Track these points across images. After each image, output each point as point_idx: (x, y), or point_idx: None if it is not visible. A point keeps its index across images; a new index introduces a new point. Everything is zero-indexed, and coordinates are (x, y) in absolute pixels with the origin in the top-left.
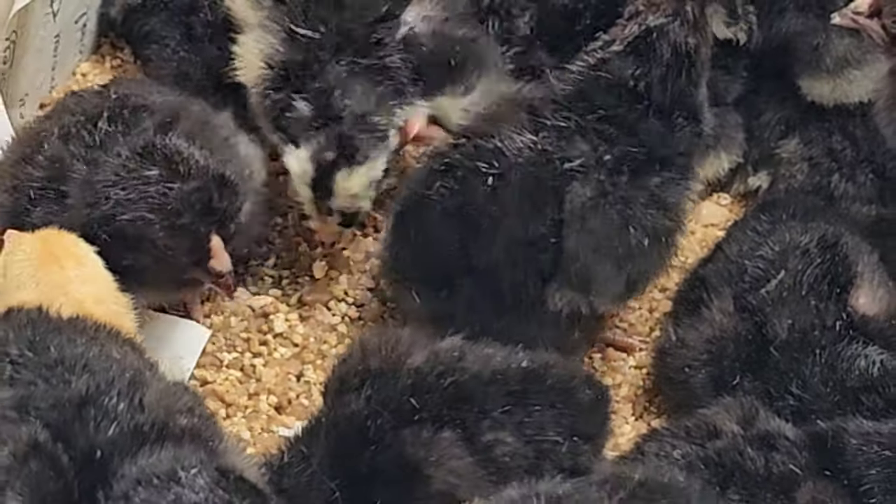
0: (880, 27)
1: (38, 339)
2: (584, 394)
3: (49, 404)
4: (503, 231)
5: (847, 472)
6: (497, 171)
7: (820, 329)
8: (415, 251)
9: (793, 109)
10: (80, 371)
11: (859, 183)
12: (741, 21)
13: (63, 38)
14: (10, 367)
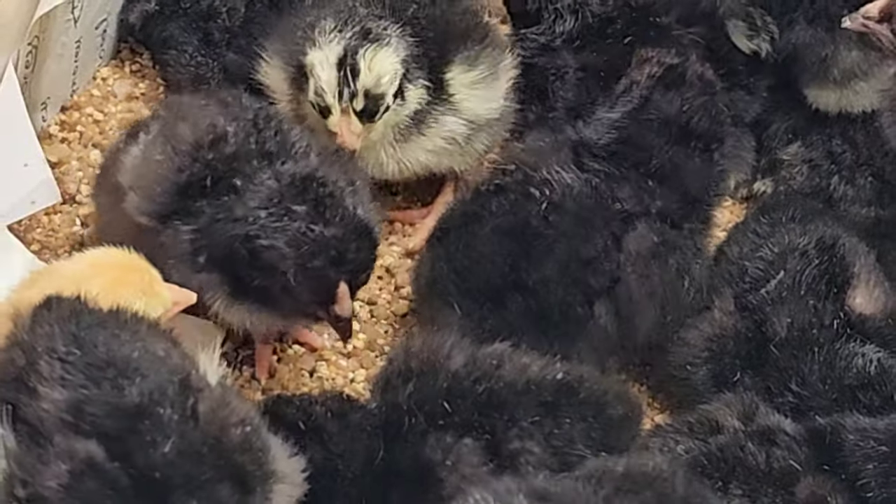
0: (890, 32)
1: (83, 334)
2: (615, 409)
3: (105, 412)
4: (557, 251)
5: (845, 466)
6: (549, 199)
7: (818, 328)
8: (462, 266)
9: (798, 117)
10: (132, 374)
11: (858, 185)
12: (762, 32)
13: (84, 43)
14: (60, 366)
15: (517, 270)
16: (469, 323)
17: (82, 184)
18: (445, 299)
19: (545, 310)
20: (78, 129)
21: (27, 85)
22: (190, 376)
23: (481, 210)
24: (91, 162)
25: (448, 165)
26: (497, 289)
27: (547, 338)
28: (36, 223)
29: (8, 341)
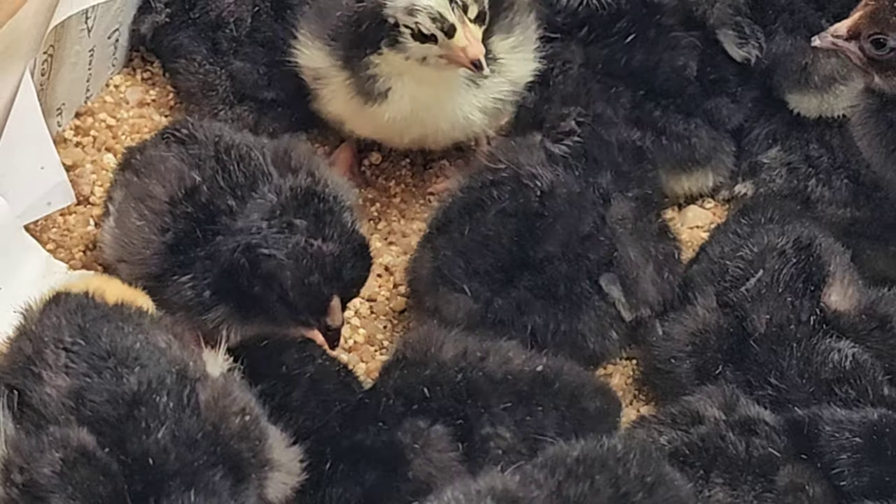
0: (858, 49)
1: (89, 326)
2: (591, 402)
3: (104, 399)
4: (558, 230)
5: (821, 456)
6: (541, 188)
7: (796, 324)
8: (470, 250)
9: (778, 123)
10: (132, 364)
11: (834, 188)
12: (751, 40)
13: (97, 52)
14: (65, 355)
15: (524, 249)
16: (477, 305)
17: (96, 186)
18: (453, 284)
19: (552, 285)
20: (92, 133)
21: (43, 91)
22: (188, 367)
23: (483, 199)
24: (104, 165)
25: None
26: (506, 268)
27: (554, 312)
28: (51, 223)
29: (17, 332)
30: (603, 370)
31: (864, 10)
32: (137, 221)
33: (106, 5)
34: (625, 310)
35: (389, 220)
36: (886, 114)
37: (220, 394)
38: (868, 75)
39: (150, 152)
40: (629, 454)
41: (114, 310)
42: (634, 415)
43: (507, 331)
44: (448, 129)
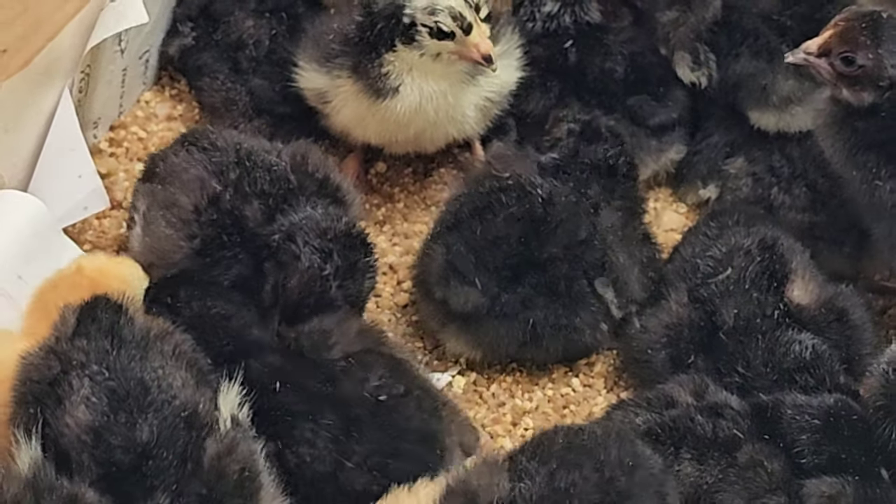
0: (828, 65)
1: (115, 354)
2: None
3: (118, 443)
4: (559, 234)
5: (783, 436)
6: (541, 196)
7: (761, 317)
8: (481, 247)
9: (737, 134)
10: (146, 407)
11: (795, 195)
12: (703, 67)
13: (129, 71)
14: (90, 384)
15: (530, 250)
16: (484, 299)
17: (128, 192)
18: (464, 277)
19: (554, 283)
20: (124, 145)
21: (81, 107)
22: (198, 411)
23: (492, 202)
24: (135, 173)
25: (477, 126)
26: (513, 266)
27: (555, 308)
28: (88, 226)
29: (47, 346)
30: (587, 359)
31: (835, 30)
32: (166, 230)
33: (138, 29)
34: (616, 309)
35: (393, 223)
36: (850, 121)
37: (224, 451)
38: (837, 88)
39: (171, 160)
40: (608, 439)
41: (143, 332)
42: (615, 399)
43: (510, 323)
44: (447, 122)
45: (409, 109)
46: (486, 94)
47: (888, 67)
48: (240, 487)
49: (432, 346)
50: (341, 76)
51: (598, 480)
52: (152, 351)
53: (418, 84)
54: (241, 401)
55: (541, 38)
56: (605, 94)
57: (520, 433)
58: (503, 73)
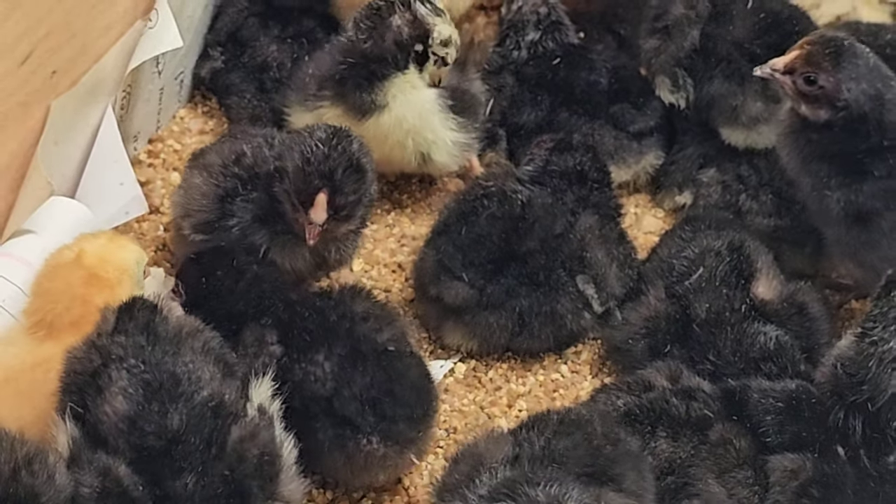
0: (791, 83)
1: (150, 349)
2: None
3: (151, 430)
4: (536, 230)
5: (750, 417)
6: (521, 200)
7: (730, 311)
8: (466, 245)
9: (710, 147)
10: (177, 398)
11: (761, 201)
12: (682, 90)
13: (166, 90)
14: (127, 377)
15: (510, 245)
16: (473, 291)
17: (165, 199)
18: (453, 273)
19: (534, 274)
20: (161, 156)
21: (122, 122)
22: (224, 401)
23: (475, 206)
24: (171, 182)
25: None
26: (495, 260)
27: (537, 296)
28: (129, 229)
29: (90, 341)
30: (574, 348)
31: (801, 52)
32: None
33: (173, 53)
34: (596, 304)
35: (402, 227)
36: (806, 133)
37: (248, 436)
38: (797, 104)
39: (208, 146)
40: (594, 418)
41: (176, 328)
42: (599, 384)
43: (499, 313)
44: (418, 134)
45: (394, 122)
46: (458, 134)
47: (845, 91)
48: (259, 469)
49: (436, 336)
50: (323, 106)
51: (588, 448)
52: (184, 347)
53: (407, 97)
54: (272, 394)
55: (529, 62)
56: (590, 103)
57: (515, 414)
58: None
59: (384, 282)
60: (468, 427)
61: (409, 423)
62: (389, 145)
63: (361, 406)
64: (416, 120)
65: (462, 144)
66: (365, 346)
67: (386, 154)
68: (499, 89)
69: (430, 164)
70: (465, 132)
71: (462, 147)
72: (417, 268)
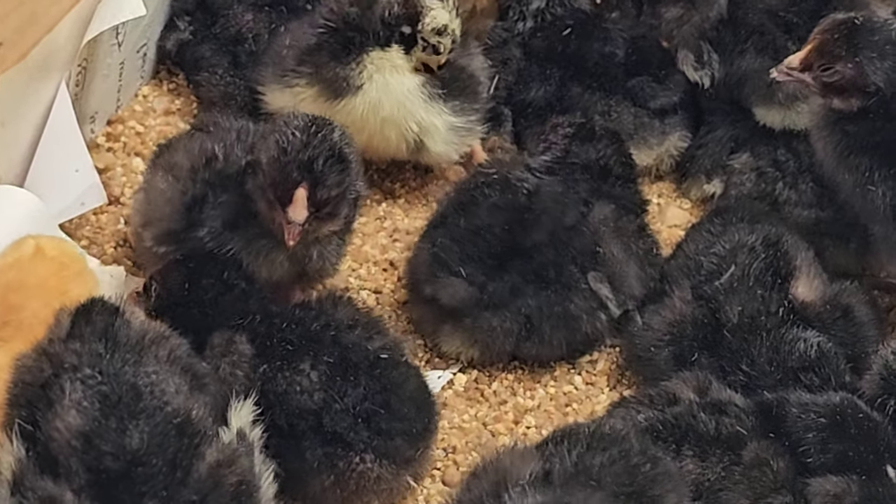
0: (812, 79)
1: (108, 358)
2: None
3: (108, 449)
4: (544, 221)
5: (788, 435)
6: (527, 188)
7: (765, 314)
8: (464, 238)
9: (742, 128)
10: (138, 414)
11: (800, 190)
12: (707, 67)
13: (126, 65)
14: (82, 388)
15: (514, 237)
16: (472, 289)
17: (125, 187)
18: (450, 269)
19: (541, 270)
20: (122, 139)
21: (78, 101)
22: (191, 418)
23: (474, 196)
24: (133, 168)
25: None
26: (498, 255)
27: (546, 295)
28: (85, 222)
29: (40, 347)
30: (589, 356)
31: (813, 45)
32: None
33: (135, 22)
34: (613, 306)
35: (394, 219)
36: (841, 125)
37: (225, 461)
38: (827, 97)
39: (174, 140)
40: (630, 433)
41: (138, 335)
42: (618, 397)
43: (503, 314)
44: (400, 121)
45: (371, 104)
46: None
47: (870, 73)
48: (235, 500)
49: (433, 342)
50: (300, 86)
51: (626, 465)
52: (147, 355)
53: (382, 80)
54: (253, 418)
55: (536, 32)
56: (605, 77)
57: (521, 431)
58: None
59: (374, 282)
60: (469, 446)
61: (408, 439)
62: (368, 133)
63: (354, 420)
64: (395, 108)
65: (461, 130)
66: (355, 355)
67: (366, 143)
68: (504, 63)
69: (425, 154)
70: (463, 115)
71: (461, 133)
72: (411, 264)
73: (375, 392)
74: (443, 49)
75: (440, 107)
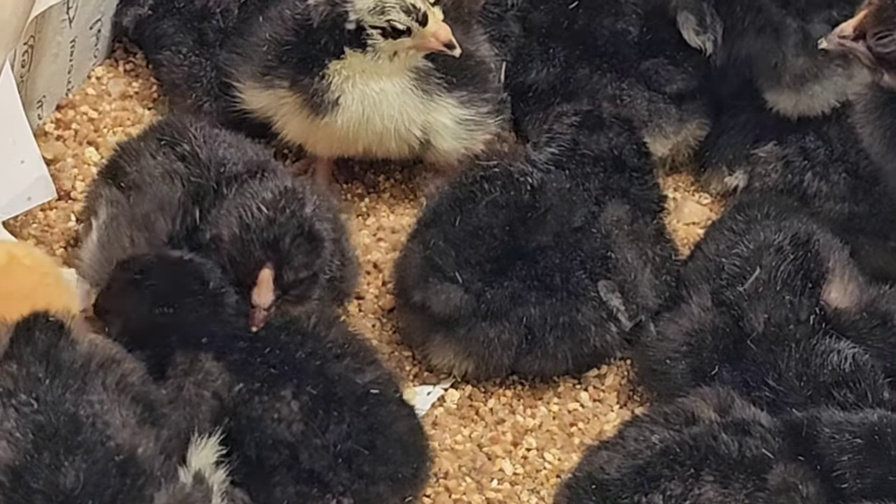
0: (866, 48)
1: (47, 383)
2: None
3: (39, 487)
4: (550, 220)
5: (820, 458)
6: (531, 184)
7: (794, 323)
8: (460, 239)
9: (767, 114)
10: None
11: (832, 182)
12: (709, 31)
13: (78, 43)
14: (15, 417)
15: (516, 238)
16: (468, 296)
17: (77, 180)
18: (444, 273)
19: (546, 275)
20: (73, 126)
21: (23, 83)
22: (136, 456)
23: (473, 192)
24: (86, 159)
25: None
26: (497, 258)
27: (551, 303)
28: (32, 219)
29: None
30: (597, 370)
31: (869, 10)
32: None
33: None
34: (624, 318)
35: (378, 216)
36: (892, 107)
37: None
38: (877, 73)
39: (145, 164)
40: None
41: (82, 360)
42: (629, 416)
43: (501, 324)
44: (397, 129)
45: (353, 120)
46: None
47: None
48: None
49: (422, 354)
50: (282, 89)
51: None
52: (92, 382)
53: (359, 91)
54: (216, 459)
55: (539, 4)
56: (616, 57)
57: (521, 454)
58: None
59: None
60: (462, 471)
61: (392, 485)
62: (365, 146)
63: (334, 459)
64: (382, 117)
65: (470, 122)
66: (341, 388)
67: (364, 151)
68: (501, 41)
69: (433, 152)
70: (472, 107)
71: (470, 126)
72: (399, 267)
73: (360, 431)
74: (400, 24)
75: (444, 101)
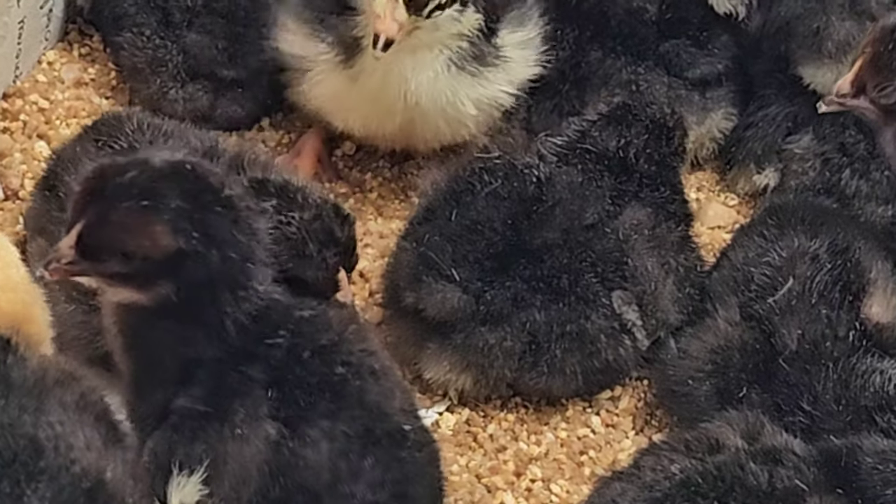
0: (869, 103)
1: (2, 404)
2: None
3: None
4: (558, 215)
5: (862, 490)
6: (538, 176)
7: (832, 340)
8: (458, 234)
9: (802, 104)
10: (38, 473)
11: (874, 181)
12: None
13: (27, 24)
14: None
15: (519, 234)
16: (466, 296)
17: (26, 178)
18: (439, 272)
19: (552, 277)
20: (21, 118)
21: None
22: (104, 480)
23: (472, 183)
24: (36, 154)
25: (476, 124)
26: (498, 255)
27: (557, 307)
28: None
29: None
30: (610, 391)
31: (863, 61)
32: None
33: None
34: (641, 334)
35: (365, 220)
36: None
37: None
38: (889, 126)
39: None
40: None
41: (35, 378)
42: (646, 443)
43: (502, 330)
44: (433, 111)
45: (378, 88)
46: (491, 90)
47: None
48: None
49: (413, 373)
50: (325, 42)
51: None
52: (48, 401)
53: (385, 61)
54: (199, 495)
55: None
56: (632, 39)
57: (525, 486)
58: (518, 66)
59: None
60: None
61: None
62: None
63: None
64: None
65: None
66: (378, 423)
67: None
68: None
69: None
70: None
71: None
72: (391, 268)
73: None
74: None
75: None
